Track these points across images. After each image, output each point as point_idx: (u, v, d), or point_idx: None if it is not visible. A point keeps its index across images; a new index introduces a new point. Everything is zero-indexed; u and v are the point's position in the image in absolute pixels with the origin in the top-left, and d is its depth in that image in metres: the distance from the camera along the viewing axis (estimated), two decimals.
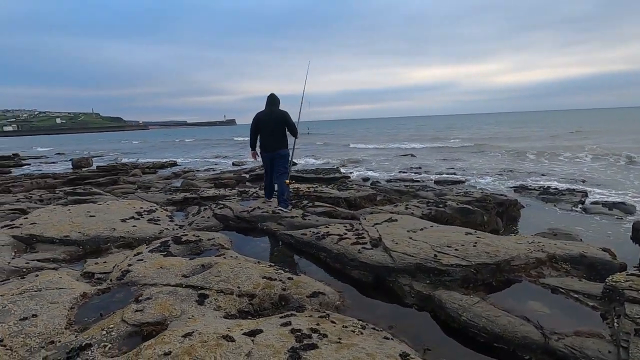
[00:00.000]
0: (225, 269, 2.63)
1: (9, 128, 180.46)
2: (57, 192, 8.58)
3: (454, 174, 12.27)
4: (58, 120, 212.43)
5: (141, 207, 5.35)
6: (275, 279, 2.58)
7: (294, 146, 5.57)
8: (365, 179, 11.99)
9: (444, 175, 11.92)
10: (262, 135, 5.36)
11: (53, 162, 22.55)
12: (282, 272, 2.79)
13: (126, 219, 4.56)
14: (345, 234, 3.65)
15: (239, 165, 17.09)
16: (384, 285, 2.88)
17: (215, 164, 18.47)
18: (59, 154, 29.61)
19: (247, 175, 12.33)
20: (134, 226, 4.21)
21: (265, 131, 5.31)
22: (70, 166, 18.75)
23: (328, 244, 3.42)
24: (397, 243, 3.18)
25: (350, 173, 13.34)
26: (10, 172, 17.61)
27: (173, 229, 4.37)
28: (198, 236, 3.72)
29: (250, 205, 5.13)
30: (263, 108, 5.39)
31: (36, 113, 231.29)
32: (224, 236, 4.00)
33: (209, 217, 4.77)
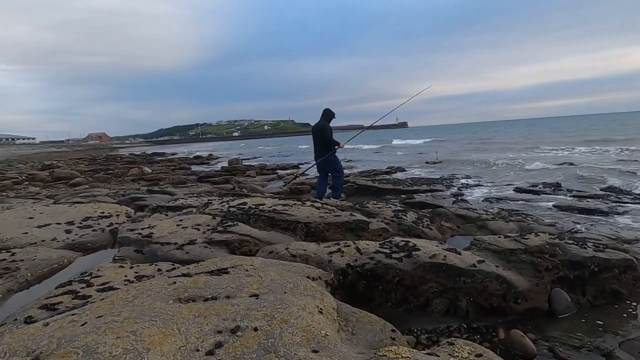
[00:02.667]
0: None
1: (236, 134, 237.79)
2: (140, 189, 10.14)
3: (605, 196, 7.91)
4: (265, 127, 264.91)
5: (102, 212, 5.44)
6: None
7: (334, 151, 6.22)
8: (457, 195, 9.23)
9: (576, 200, 7.88)
10: (313, 144, 6.26)
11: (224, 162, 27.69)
12: None
13: (52, 224, 4.62)
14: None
15: (348, 169, 16.33)
16: None
17: None
18: (240, 154, 35.68)
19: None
20: (25, 233, 4.16)
21: (313, 141, 6.18)
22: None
23: None
24: None
25: (450, 186, 10.60)
26: (190, 168, 22.24)
27: (64, 240, 4.15)
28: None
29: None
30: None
31: (253, 122, 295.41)
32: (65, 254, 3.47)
33: (103, 230, 4.32)
